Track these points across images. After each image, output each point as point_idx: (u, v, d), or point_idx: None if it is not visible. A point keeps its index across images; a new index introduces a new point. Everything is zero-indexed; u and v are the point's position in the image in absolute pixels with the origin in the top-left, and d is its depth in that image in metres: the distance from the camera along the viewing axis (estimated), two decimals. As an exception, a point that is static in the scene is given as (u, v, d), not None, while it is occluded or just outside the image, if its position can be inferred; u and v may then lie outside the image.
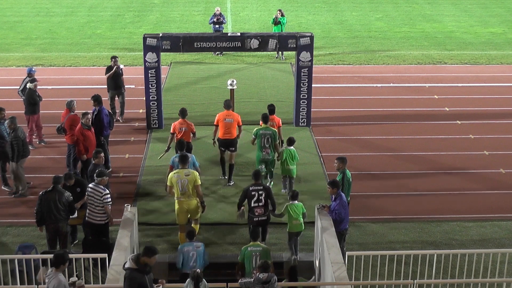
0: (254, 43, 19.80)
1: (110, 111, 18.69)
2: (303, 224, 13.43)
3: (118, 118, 21.05)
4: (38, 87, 19.67)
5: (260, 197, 13.36)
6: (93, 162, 14.70)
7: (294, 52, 20.64)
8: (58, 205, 13.08)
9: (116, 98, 21.06)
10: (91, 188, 13.38)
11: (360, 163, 18.16)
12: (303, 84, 20.34)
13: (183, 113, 16.86)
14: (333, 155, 16.06)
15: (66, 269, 11.81)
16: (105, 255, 11.67)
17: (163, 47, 19.75)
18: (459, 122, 21.40)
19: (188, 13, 37.65)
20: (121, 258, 11.52)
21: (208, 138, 18.73)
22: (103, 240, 13.17)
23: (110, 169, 17.19)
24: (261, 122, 16.35)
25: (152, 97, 20.22)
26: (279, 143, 16.48)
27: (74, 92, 23.27)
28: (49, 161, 18.34)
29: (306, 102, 20.48)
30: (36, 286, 11.59)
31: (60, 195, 13.14)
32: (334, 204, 12.91)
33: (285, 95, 22.38)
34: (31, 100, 19.10)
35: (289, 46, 20.13)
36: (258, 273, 10.87)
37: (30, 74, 19.79)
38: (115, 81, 20.82)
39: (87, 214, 13.41)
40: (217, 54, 28.19)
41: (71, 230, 14.22)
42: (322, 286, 12.62)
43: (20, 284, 11.88)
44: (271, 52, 26.60)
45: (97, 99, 17.46)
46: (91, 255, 11.98)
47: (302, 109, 20.54)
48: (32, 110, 19.19)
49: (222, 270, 13.12)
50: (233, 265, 12.69)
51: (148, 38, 19.81)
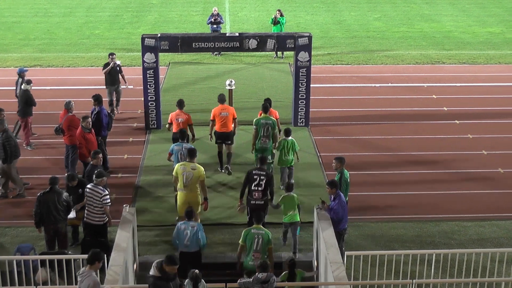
0: (253, 43, 19.80)
1: (109, 112, 18.69)
2: (298, 216, 13.66)
3: (115, 111, 21.44)
4: (36, 87, 19.63)
5: (261, 182, 13.78)
6: (91, 162, 14.68)
7: (292, 52, 20.62)
8: (57, 206, 13.08)
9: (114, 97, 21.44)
10: (89, 188, 13.36)
11: (359, 163, 18.16)
12: (301, 84, 20.35)
13: (180, 104, 17.30)
14: (331, 155, 16.05)
15: (65, 270, 11.84)
16: (104, 256, 11.64)
17: (162, 48, 19.75)
18: (457, 121, 21.41)
19: (186, 14, 37.66)
20: (119, 258, 11.51)
21: (207, 138, 18.73)
22: (102, 241, 13.15)
23: (109, 170, 17.18)
24: (260, 112, 16.88)
25: (150, 98, 20.21)
26: (277, 133, 16.90)
27: (72, 92, 23.26)
28: (47, 162, 18.33)
29: (304, 102, 20.48)
30: (35, 287, 11.58)
31: (58, 196, 13.13)
32: (333, 204, 12.92)
33: (284, 95, 22.38)
34: (29, 101, 19.02)
35: (287, 46, 20.14)
36: (257, 273, 10.88)
37: (21, 74, 19.62)
38: (112, 77, 21.34)
39: (85, 215, 13.40)
40: (216, 55, 28.20)
41: (73, 231, 14.23)
42: (322, 286, 12.61)
43: (19, 285, 11.85)
44: (270, 52, 26.62)
45: (97, 99, 17.45)
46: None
47: (300, 109, 20.54)
48: (29, 112, 19.12)
49: (221, 271, 13.11)
50: (232, 265, 12.69)
51: (146, 39, 19.81)
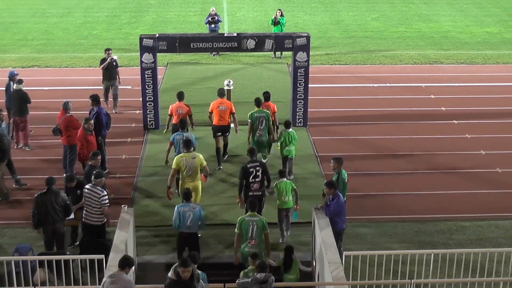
0: (251, 43, 19.80)
1: (107, 112, 18.68)
2: (291, 201, 14.15)
3: (112, 110, 21.57)
4: (34, 88, 19.60)
5: (257, 173, 14.30)
6: (90, 163, 14.67)
7: (290, 52, 20.63)
8: (55, 206, 13.06)
9: (110, 92, 21.83)
10: (88, 189, 13.35)
11: (357, 163, 18.16)
12: (299, 84, 20.35)
13: (180, 96, 17.97)
14: (330, 155, 16.06)
15: (63, 271, 11.83)
16: (102, 256, 11.65)
17: (160, 48, 19.74)
18: (455, 121, 21.42)
19: (184, 14, 37.65)
20: (118, 259, 11.45)
21: (206, 138, 18.80)
22: (100, 241, 13.14)
23: (107, 170, 17.17)
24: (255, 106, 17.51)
25: (148, 98, 20.21)
26: (273, 126, 17.58)
27: (70, 93, 23.23)
28: (45, 163, 18.31)
29: (302, 102, 20.49)
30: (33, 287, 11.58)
31: (56, 196, 13.11)
32: (331, 203, 12.91)
33: (282, 95, 22.37)
34: (25, 99, 18.98)
35: (285, 46, 20.15)
36: (255, 273, 10.87)
37: (12, 77, 19.46)
38: (109, 73, 21.69)
39: (84, 215, 13.39)
40: (214, 55, 28.19)
41: (72, 231, 14.22)
42: (320, 286, 12.62)
43: (17, 285, 11.84)
44: (268, 53, 26.62)
45: (95, 99, 17.44)
46: (88, 256, 11.95)
47: (298, 109, 20.54)
48: (27, 110, 19.10)
49: (219, 271, 13.10)
50: (231, 265, 12.69)
51: (144, 39, 19.80)
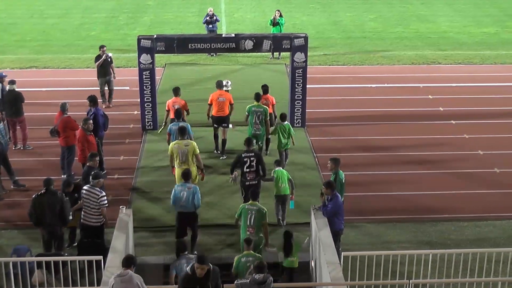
0: (249, 44, 19.81)
1: (104, 113, 18.68)
2: (288, 189, 14.73)
3: (108, 104, 22.26)
4: (31, 89, 19.59)
5: (252, 163, 14.72)
6: (88, 164, 14.66)
7: (288, 53, 20.63)
8: (52, 208, 13.03)
9: (106, 88, 22.45)
10: (86, 190, 13.34)
11: (355, 164, 18.16)
12: (297, 85, 20.36)
13: (175, 91, 18.63)
14: (328, 155, 16.06)
15: (61, 273, 11.82)
16: (101, 257, 11.64)
17: (158, 49, 19.73)
18: (453, 122, 21.43)
19: (182, 15, 37.64)
20: (116, 260, 11.48)
21: (205, 138, 18.85)
22: (98, 242, 13.14)
23: (105, 171, 17.15)
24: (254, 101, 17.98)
25: (146, 99, 20.21)
26: (273, 119, 18.15)
27: (68, 94, 23.19)
28: (43, 164, 18.29)
29: (300, 103, 20.50)
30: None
31: (53, 197, 13.09)
32: (329, 203, 12.91)
33: (280, 96, 22.33)
34: (20, 98, 18.99)
35: (283, 47, 20.16)
36: (254, 274, 10.87)
37: (1, 79, 19.45)
38: (104, 69, 22.23)
39: (82, 216, 13.38)
40: (211, 56, 28.19)
41: (70, 232, 14.21)
42: (318, 287, 12.62)
43: (15, 287, 11.83)
44: (266, 53, 26.62)
45: (93, 100, 17.44)
46: (86, 257, 11.94)
47: (296, 110, 20.55)
48: (22, 111, 19.11)
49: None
50: (229, 266, 12.67)
51: (142, 40, 19.79)
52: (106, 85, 22.43)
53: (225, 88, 19.85)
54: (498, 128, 20.95)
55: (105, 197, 13.30)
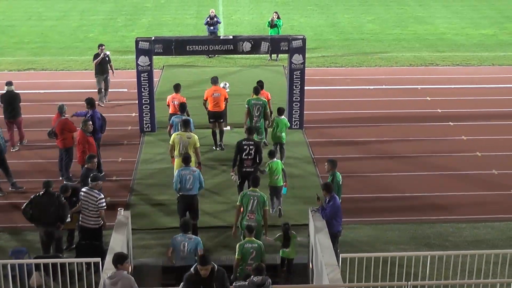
0: (247, 46, 19.81)
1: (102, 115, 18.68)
2: (281, 180, 15.21)
3: (103, 100, 22.84)
4: (29, 91, 19.59)
5: (250, 151, 15.19)
6: (86, 166, 14.64)
7: (286, 55, 20.64)
8: (51, 209, 13.01)
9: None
10: (84, 192, 13.32)
11: (353, 165, 18.17)
12: (295, 87, 20.37)
13: (176, 87, 19.09)
14: (326, 157, 16.07)
15: (59, 274, 11.80)
16: (99, 260, 11.63)
17: (156, 51, 19.74)
18: (451, 123, 21.45)
19: (180, 17, 37.66)
20: (114, 262, 11.46)
21: (204, 140, 18.83)
22: (97, 244, 13.12)
23: (103, 173, 17.14)
24: (252, 94, 18.42)
25: (144, 101, 20.21)
26: (268, 113, 18.30)
27: (66, 96, 23.19)
28: (41, 166, 18.26)
29: (299, 104, 20.50)
30: (29, 291, 11.56)
31: (52, 199, 13.07)
32: (327, 205, 12.91)
33: (278, 97, 22.35)
34: (19, 99, 18.98)
35: (281, 48, 20.18)
36: (252, 276, 10.86)
37: None
38: (102, 67, 22.68)
39: (80, 219, 13.36)
40: (210, 57, 28.20)
41: (68, 234, 14.19)
42: (317, 289, 12.61)
43: (13, 289, 11.83)
44: (264, 55, 26.64)
45: (90, 102, 17.42)
46: (84, 260, 11.93)
47: (295, 111, 20.55)
48: (20, 112, 19.12)
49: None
50: (228, 268, 12.64)
51: (140, 42, 19.79)
52: (103, 83, 22.85)
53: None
54: (496, 129, 20.97)
55: (104, 200, 13.28)
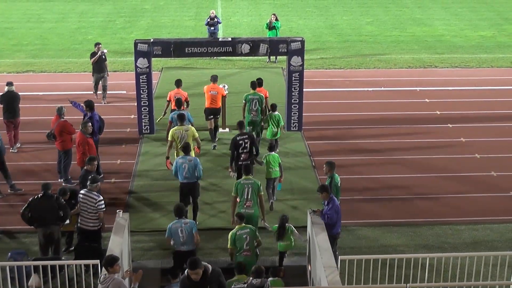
0: (245, 48, 19.82)
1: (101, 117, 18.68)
2: (278, 172, 15.71)
3: (102, 102, 22.98)
4: (28, 93, 19.62)
5: (246, 145, 15.81)
6: (85, 168, 14.64)
7: (285, 57, 20.66)
8: (50, 211, 13.01)
9: (100, 84, 23.23)
10: (83, 194, 13.31)
11: (352, 167, 18.18)
12: (294, 89, 20.38)
13: (177, 83, 19.56)
14: (325, 159, 16.07)
15: (58, 277, 11.80)
16: (97, 262, 11.63)
17: (154, 53, 19.74)
18: (450, 125, 21.46)
19: (179, 19, 37.67)
20: (113, 264, 11.45)
21: (204, 143, 18.83)
22: (95, 246, 13.11)
23: (102, 175, 17.14)
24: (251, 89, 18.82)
25: (143, 103, 20.20)
26: (265, 109, 18.81)
27: (65, 98, 23.15)
28: (39, 167, 18.27)
29: (297, 106, 20.51)
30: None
31: (50, 201, 13.06)
32: (327, 209, 12.91)
33: (277, 99, 22.30)
34: (19, 100, 18.99)
35: (280, 50, 20.19)
36: (251, 279, 10.87)
37: None
38: (99, 65, 23.09)
39: (79, 221, 13.35)
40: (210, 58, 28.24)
41: (67, 236, 14.18)
42: (315, 291, 12.61)
43: (12, 291, 11.82)
44: (263, 57, 26.65)
45: (89, 105, 17.42)
46: (83, 262, 11.93)
47: (293, 113, 20.55)
48: (18, 113, 19.15)
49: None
50: (226, 270, 12.65)
51: (139, 44, 19.79)
52: (100, 81, 23.16)
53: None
54: (495, 131, 20.98)
55: (103, 202, 13.28)
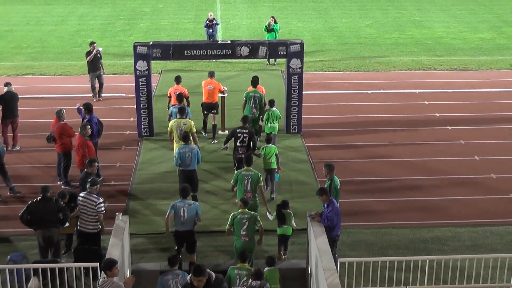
0: (245, 50, 19.83)
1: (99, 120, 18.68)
2: (275, 163, 16.27)
3: (98, 98, 23.54)
4: (28, 96, 19.66)
5: (244, 139, 16.21)
6: (86, 170, 14.64)
7: (284, 59, 20.66)
8: (49, 214, 13.00)
9: (96, 84, 23.57)
10: (82, 197, 13.31)
11: (352, 170, 18.18)
12: (293, 91, 20.38)
13: (177, 79, 20.01)
14: (324, 161, 16.08)
15: (58, 279, 11.79)
16: (97, 264, 11.62)
17: (154, 55, 19.74)
18: (449, 127, 21.47)
19: (178, 21, 37.69)
20: (112, 267, 11.43)
21: (203, 146, 18.83)
22: (95, 249, 13.10)
23: (102, 178, 17.13)
24: (250, 88, 19.12)
25: (143, 105, 20.20)
26: (264, 106, 19.03)
27: (64, 101, 23.17)
28: (39, 170, 18.26)
29: (297, 109, 20.51)
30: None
31: (50, 204, 13.06)
32: (326, 211, 12.89)
33: (276, 101, 22.37)
34: (17, 100, 19.03)
35: (279, 53, 20.18)
36: (251, 281, 10.87)
37: None
38: (94, 64, 23.42)
39: (78, 223, 13.35)
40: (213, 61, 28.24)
41: (66, 239, 14.17)
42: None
43: (11, 294, 11.81)
44: (262, 60, 26.65)
45: (88, 108, 17.43)
46: (82, 264, 11.92)
47: (293, 116, 20.55)
48: (16, 113, 19.20)
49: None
50: (225, 273, 12.65)
51: (138, 46, 19.79)
52: (96, 79, 23.48)
53: (221, 95, 20.06)
54: (494, 133, 20.98)
55: (103, 204, 13.28)
